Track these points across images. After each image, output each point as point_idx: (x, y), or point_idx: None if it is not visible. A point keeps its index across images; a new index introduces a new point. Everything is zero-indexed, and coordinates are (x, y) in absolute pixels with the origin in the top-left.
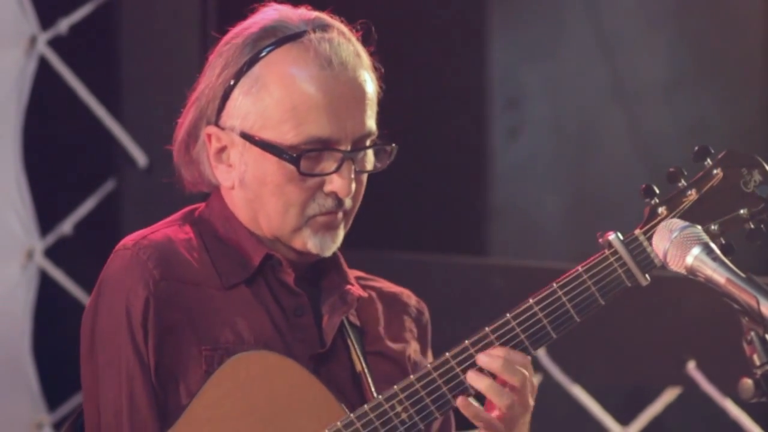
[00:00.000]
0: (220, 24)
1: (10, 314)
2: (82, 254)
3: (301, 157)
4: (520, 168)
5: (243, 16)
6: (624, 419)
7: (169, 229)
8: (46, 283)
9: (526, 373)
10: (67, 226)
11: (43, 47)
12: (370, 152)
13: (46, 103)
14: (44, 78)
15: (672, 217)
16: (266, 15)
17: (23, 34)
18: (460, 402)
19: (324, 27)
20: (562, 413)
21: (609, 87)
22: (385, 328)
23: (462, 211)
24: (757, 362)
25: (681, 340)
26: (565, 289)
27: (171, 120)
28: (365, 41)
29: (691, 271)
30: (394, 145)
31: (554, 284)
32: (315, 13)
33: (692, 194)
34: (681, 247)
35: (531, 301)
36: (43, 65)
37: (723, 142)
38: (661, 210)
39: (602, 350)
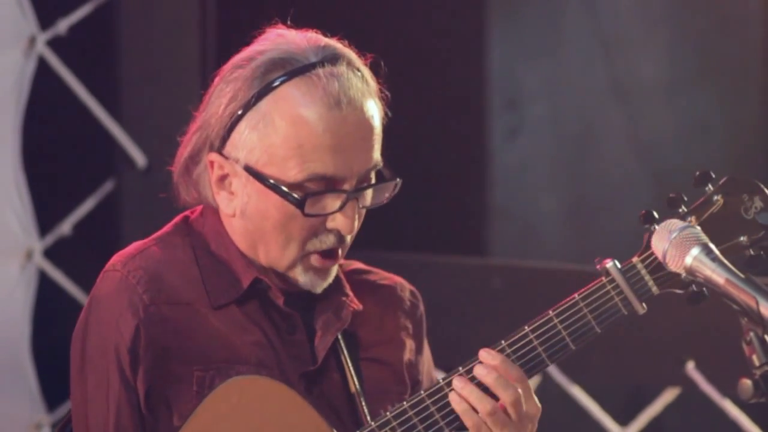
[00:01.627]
0: (220, 25)
1: (9, 314)
2: (81, 255)
3: (306, 200)
4: (520, 168)
5: (241, 18)
6: (623, 419)
7: (160, 245)
8: (45, 284)
9: (519, 391)
10: (66, 227)
11: (42, 47)
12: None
13: (45, 104)
14: (43, 78)
15: None
16: (275, 43)
17: (22, 34)
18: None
19: (333, 59)
20: (561, 414)
21: (608, 87)
22: (379, 331)
23: (461, 211)
24: (757, 363)
25: (680, 340)
26: (562, 317)
27: (170, 121)
28: (377, 73)
29: (690, 271)
30: (398, 180)
31: (550, 311)
32: (324, 41)
33: (692, 221)
34: (680, 248)
35: (527, 328)
36: (42, 65)
37: (722, 143)
38: None
39: (601, 350)
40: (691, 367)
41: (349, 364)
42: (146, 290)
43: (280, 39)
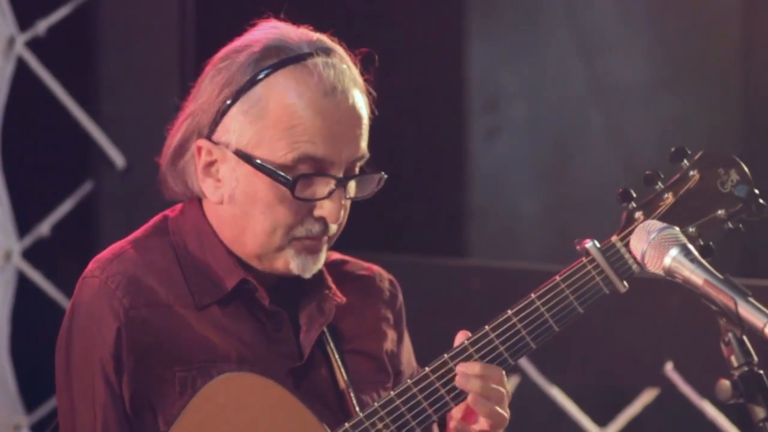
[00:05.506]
0: (198, 26)
1: None
2: (59, 256)
3: (297, 182)
4: (499, 169)
5: (220, 19)
6: (602, 420)
7: (138, 248)
8: (23, 285)
9: (503, 389)
10: (44, 228)
11: (21, 48)
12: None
13: (23, 105)
14: (22, 79)
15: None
16: (268, 33)
17: (1, 35)
18: None
19: (327, 51)
20: (540, 415)
21: (587, 89)
22: (360, 323)
23: (440, 212)
24: (735, 363)
25: (659, 341)
26: (544, 299)
27: (149, 122)
28: (365, 68)
29: (669, 272)
30: (384, 174)
31: (532, 294)
32: (316, 35)
33: (669, 197)
34: (659, 249)
35: (509, 312)
36: (21, 66)
37: (701, 144)
38: (638, 215)
39: (580, 351)
40: (669, 367)
41: (336, 357)
42: (125, 294)
43: (274, 30)
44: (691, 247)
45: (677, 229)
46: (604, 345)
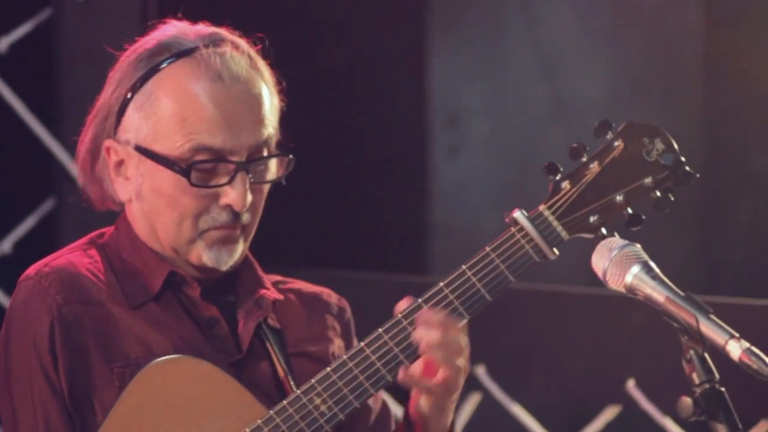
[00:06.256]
0: None
1: None
2: (21, 273)
3: (191, 169)
4: (460, 186)
5: None
6: None
7: (73, 254)
8: None
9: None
10: (6, 245)
11: None
12: (270, 162)
13: None
14: None
15: (576, 190)
16: (163, 31)
17: None
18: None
19: (217, 42)
20: None
21: (549, 105)
22: (306, 329)
23: (402, 229)
24: (697, 381)
25: (620, 358)
26: (474, 270)
27: None
28: (262, 57)
29: (631, 289)
30: (291, 156)
31: (463, 266)
32: (211, 29)
33: (595, 166)
34: (620, 266)
35: (441, 284)
36: None
37: None
38: (565, 184)
39: (542, 369)
40: (631, 385)
41: (276, 351)
42: (58, 291)
43: (170, 28)
44: (652, 264)
45: (638, 246)
46: (566, 362)
